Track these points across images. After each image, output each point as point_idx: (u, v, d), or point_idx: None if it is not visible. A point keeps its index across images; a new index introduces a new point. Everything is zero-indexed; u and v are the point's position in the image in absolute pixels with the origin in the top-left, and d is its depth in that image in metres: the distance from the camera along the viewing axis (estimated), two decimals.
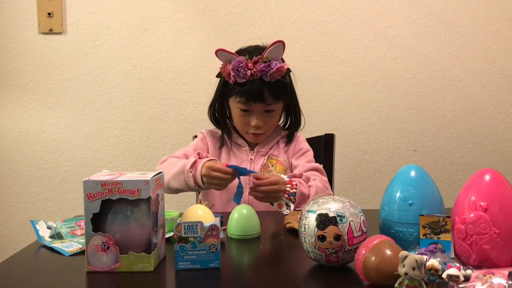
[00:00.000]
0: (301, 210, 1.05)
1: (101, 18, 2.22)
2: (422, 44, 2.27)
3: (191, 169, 1.40)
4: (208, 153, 1.59)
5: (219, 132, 1.61)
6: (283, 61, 1.51)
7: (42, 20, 2.20)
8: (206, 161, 1.40)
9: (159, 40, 2.23)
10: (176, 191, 1.47)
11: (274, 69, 1.44)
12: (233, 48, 1.54)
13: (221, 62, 1.51)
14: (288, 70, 1.52)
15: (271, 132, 1.59)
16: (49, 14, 2.19)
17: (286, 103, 1.57)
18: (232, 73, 1.46)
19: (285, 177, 1.38)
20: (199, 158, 1.43)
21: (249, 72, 1.44)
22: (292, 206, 1.34)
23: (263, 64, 1.45)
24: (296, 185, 1.37)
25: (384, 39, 2.26)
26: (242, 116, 1.52)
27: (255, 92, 1.46)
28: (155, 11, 2.23)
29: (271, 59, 1.45)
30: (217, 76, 1.56)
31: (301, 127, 1.65)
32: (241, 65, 1.45)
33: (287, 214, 1.32)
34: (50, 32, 2.21)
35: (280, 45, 1.45)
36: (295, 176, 1.42)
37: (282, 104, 1.56)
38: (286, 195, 1.35)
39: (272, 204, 1.37)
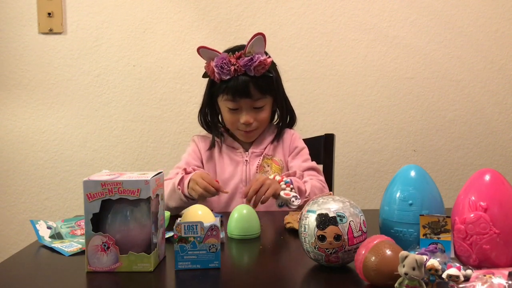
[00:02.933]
0: (301, 210, 1.05)
1: (101, 18, 2.22)
2: (422, 44, 2.27)
3: (179, 187, 1.41)
4: (202, 161, 1.58)
5: (211, 136, 1.60)
6: (267, 55, 1.49)
7: (42, 20, 2.20)
8: (197, 172, 1.42)
9: (159, 40, 2.23)
10: (177, 210, 1.45)
11: (257, 62, 1.44)
12: None
13: (205, 61, 1.51)
14: (273, 64, 1.51)
15: (263, 129, 1.57)
16: (49, 14, 2.19)
17: (274, 98, 1.55)
18: (216, 70, 1.45)
19: (277, 177, 1.38)
20: (186, 173, 1.45)
21: (232, 68, 1.44)
22: (299, 199, 1.33)
23: (246, 58, 1.44)
24: (290, 178, 1.39)
25: (384, 39, 2.26)
26: (231, 114, 1.52)
27: (241, 88, 1.46)
28: (155, 11, 2.23)
29: (253, 53, 1.45)
30: (203, 76, 1.55)
31: (294, 124, 1.64)
32: (224, 61, 1.44)
33: (295, 207, 1.32)
34: (50, 32, 2.21)
35: (260, 37, 1.44)
36: (289, 175, 1.43)
37: (271, 99, 1.54)
38: (282, 183, 1.35)
39: (279, 205, 1.36)
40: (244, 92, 1.47)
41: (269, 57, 1.49)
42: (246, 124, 1.50)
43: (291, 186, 1.36)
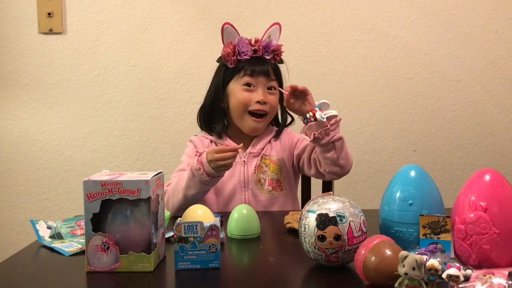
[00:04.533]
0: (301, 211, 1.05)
1: (101, 18, 2.22)
2: (422, 44, 2.27)
3: (199, 167, 1.39)
4: None
5: (209, 137, 1.60)
6: None
7: (42, 20, 2.20)
8: (207, 151, 1.40)
9: (159, 40, 2.23)
10: (195, 198, 1.44)
11: (275, 47, 1.53)
12: None
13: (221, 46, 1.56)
14: (281, 60, 1.59)
15: (268, 121, 1.57)
16: (49, 14, 2.19)
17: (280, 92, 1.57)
18: (237, 48, 1.52)
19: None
20: (199, 155, 1.43)
21: (252, 48, 1.53)
22: (324, 117, 1.35)
23: (266, 41, 1.54)
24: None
25: (384, 39, 2.26)
26: (246, 92, 1.52)
27: (260, 65, 1.53)
28: (155, 11, 2.23)
29: (271, 40, 1.55)
30: (217, 61, 1.59)
31: (292, 123, 1.64)
32: (244, 42, 1.53)
33: (323, 119, 1.35)
34: (50, 32, 2.21)
35: (277, 27, 1.56)
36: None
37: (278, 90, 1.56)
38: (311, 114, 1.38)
39: (304, 119, 1.38)
40: (262, 69, 1.52)
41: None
42: (261, 102, 1.51)
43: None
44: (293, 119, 1.64)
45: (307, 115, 1.38)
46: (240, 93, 1.53)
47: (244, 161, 1.55)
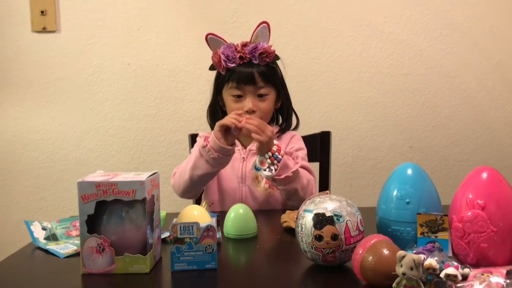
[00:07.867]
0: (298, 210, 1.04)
1: (95, 16, 2.20)
2: (417, 40, 2.26)
3: (205, 144, 1.39)
4: None
5: None
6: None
7: (35, 18, 2.18)
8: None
9: (153, 38, 2.22)
10: (201, 181, 1.45)
11: (262, 49, 1.50)
12: None
13: (211, 52, 1.55)
14: (277, 56, 1.56)
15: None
16: (42, 12, 2.17)
17: (277, 92, 1.57)
18: (222, 57, 1.49)
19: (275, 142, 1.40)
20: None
21: (238, 55, 1.49)
22: (274, 172, 1.35)
23: (251, 45, 1.50)
24: (283, 153, 1.38)
25: (380, 36, 2.26)
26: (235, 103, 1.52)
27: (245, 74, 1.50)
28: (149, 8, 2.21)
29: (258, 41, 1.52)
30: (210, 69, 1.58)
31: (293, 126, 1.64)
32: (230, 49, 1.50)
33: (267, 176, 1.36)
34: (44, 30, 2.19)
35: (265, 26, 1.52)
36: (286, 153, 1.43)
37: (274, 91, 1.56)
38: (270, 154, 1.35)
39: (256, 167, 1.36)
40: (248, 79, 1.50)
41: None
42: (249, 111, 1.50)
43: (275, 161, 1.36)
44: (297, 124, 1.65)
45: (266, 170, 1.37)
46: (230, 103, 1.54)
47: (243, 157, 1.56)
